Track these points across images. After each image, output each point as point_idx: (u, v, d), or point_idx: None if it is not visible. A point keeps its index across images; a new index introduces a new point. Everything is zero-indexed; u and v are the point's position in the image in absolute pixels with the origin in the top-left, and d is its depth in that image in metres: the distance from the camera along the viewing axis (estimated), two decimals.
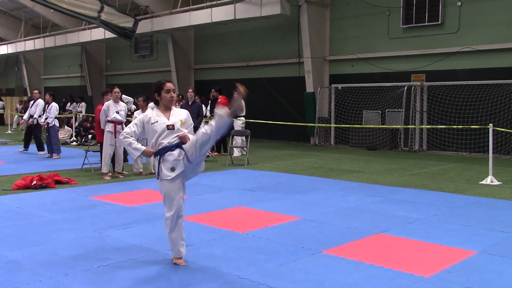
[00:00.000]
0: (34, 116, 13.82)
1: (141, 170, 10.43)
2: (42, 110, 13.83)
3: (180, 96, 16.62)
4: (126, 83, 24.36)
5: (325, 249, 5.10)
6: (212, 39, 21.09)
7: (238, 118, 13.56)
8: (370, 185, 9.01)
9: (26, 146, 14.51)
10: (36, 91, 14.40)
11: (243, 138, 13.17)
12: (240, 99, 4.35)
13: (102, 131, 9.92)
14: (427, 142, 15.09)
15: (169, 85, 4.75)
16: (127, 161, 11.03)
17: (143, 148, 4.61)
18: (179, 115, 4.77)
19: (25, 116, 14.15)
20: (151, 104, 8.67)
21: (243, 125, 13.64)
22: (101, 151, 10.19)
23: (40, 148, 14.15)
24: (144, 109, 10.52)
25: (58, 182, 8.97)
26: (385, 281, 4.20)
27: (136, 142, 4.65)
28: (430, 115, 14.92)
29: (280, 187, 8.90)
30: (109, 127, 9.78)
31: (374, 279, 4.25)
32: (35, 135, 14.28)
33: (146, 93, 10.64)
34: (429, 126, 14.33)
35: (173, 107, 4.80)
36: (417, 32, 15.28)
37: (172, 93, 4.75)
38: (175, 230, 4.62)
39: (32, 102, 14.23)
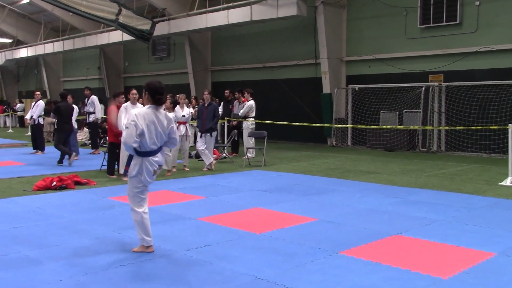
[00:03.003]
0: (33, 117, 14.32)
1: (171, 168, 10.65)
2: (42, 111, 14.50)
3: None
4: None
5: (342, 250, 5.09)
6: (228, 40, 21.16)
7: (247, 119, 13.56)
8: (387, 186, 8.97)
9: (35, 147, 14.77)
10: (38, 93, 15.15)
11: (253, 139, 13.22)
12: None
13: (114, 131, 9.97)
14: (445, 143, 14.96)
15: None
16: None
17: None
18: None
19: (27, 116, 14.69)
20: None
21: (253, 126, 13.59)
22: (109, 152, 10.27)
23: (36, 147, 14.66)
24: (170, 110, 10.61)
25: (78, 183, 9.08)
26: (403, 283, 4.18)
27: None
28: (448, 116, 14.79)
29: (297, 188, 8.89)
30: None
31: (391, 280, 4.24)
32: (34, 134, 14.83)
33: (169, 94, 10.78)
34: (447, 127, 14.20)
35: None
36: (435, 32, 15.17)
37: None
38: None
39: (33, 103, 14.74)
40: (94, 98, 15.03)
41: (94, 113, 14.93)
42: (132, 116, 4.82)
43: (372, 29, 16.62)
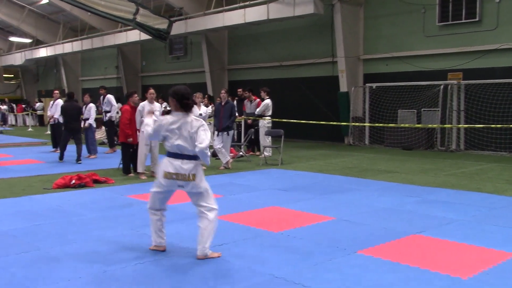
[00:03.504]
0: (54, 116, 14.53)
1: None
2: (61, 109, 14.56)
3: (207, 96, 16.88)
4: (161, 84, 24.70)
5: (360, 249, 5.06)
6: (245, 39, 21.17)
7: (263, 117, 13.55)
8: (405, 185, 8.90)
9: (55, 146, 14.92)
10: (56, 92, 15.33)
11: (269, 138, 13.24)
12: None
13: (125, 132, 10.03)
14: (464, 141, 14.78)
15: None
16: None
17: None
18: None
19: (49, 114, 14.96)
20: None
21: (270, 125, 13.58)
22: (123, 152, 10.34)
23: (55, 145, 14.79)
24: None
25: (96, 181, 9.16)
26: (422, 283, 4.14)
27: None
28: (467, 114, 14.61)
29: (314, 187, 8.87)
30: None
31: (410, 280, 4.21)
32: (54, 133, 15.01)
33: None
34: (466, 126, 14.04)
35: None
36: (454, 30, 14.99)
37: None
38: None
39: (52, 102, 14.92)
40: (110, 97, 15.16)
41: (110, 111, 15.06)
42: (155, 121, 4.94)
43: (390, 27, 16.49)
